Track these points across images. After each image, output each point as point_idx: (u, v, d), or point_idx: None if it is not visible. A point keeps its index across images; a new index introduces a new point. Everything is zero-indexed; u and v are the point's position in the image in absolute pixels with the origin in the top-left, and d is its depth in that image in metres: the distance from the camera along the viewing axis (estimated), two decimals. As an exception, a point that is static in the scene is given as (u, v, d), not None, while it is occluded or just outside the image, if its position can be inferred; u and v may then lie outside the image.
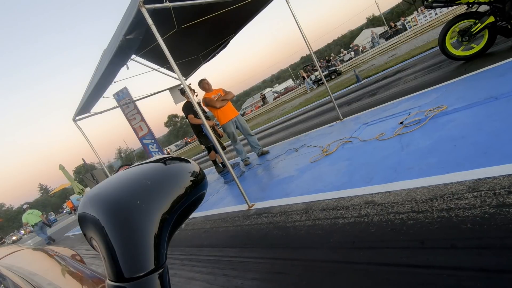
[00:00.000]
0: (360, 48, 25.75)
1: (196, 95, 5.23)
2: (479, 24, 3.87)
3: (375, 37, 22.24)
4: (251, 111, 35.13)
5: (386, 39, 22.13)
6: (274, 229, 2.35)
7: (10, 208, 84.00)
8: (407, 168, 2.16)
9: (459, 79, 3.66)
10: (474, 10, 4.00)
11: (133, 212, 0.26)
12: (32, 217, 9.23)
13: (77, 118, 5.30)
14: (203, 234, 3.19)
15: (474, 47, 4.16)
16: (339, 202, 2.19)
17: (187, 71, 6.76)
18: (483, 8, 3.94)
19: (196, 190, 0.30)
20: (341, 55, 25.53)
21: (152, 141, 6.57)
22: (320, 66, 27.37)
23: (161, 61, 6.07)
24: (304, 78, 22.88)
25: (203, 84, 5.23)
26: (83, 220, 0.28)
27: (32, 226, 9.19)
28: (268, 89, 58.12)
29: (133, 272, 0.25)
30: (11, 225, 62.29)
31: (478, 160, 1.79)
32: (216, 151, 5.25)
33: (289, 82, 59.86)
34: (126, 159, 63.12)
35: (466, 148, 2.00)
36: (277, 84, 66.56)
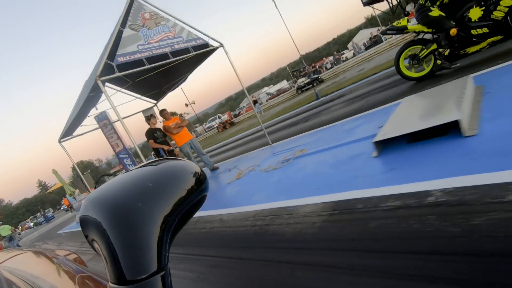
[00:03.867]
0: (345, 56, 26.97)
1: (175, 118, 6.48)
2: (425, 49, 4.39)
3: (355, 47, 23.49)
4: (247, 111, 36.07)
5: (366, 49, 23.36)
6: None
7: (9, 204, 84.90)
8: (265, 195, 3.40)
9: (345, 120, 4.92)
10: (421, 37, 4.55)
11: (135, 214, 0.26)
12: (3, 231, 12.20)
13: (62, 140, 6.59)
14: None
15: (425, 68, 4.60)
16: (212, 218, 3.47)
17: (158, 96, 8.03)
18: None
19: (197, 193, 0.30)
20: (323, 63, 26.81)
21: (127, 155, 7.84)
22: (306, 73, 28.59)
23: (137, 91, 7.34)
24: (255, 102, 24.75)
25: (164, 114, 6.48)
26: (85, 223, 0.28)
27: (3, 237, 12.11)
28: (266, 88, 59.92)
29: (135, 274, 0.25)
30: (10, 221, 63.55)
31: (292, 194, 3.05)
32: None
33: (284, 83, 61.14)
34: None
35: (305, 183, 3.27)
36: (272, 85, 67.83)
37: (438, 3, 4.19)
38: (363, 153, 2.84)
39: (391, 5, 24.09)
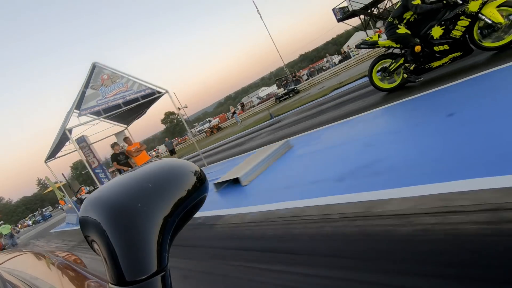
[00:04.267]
0: (333, 61, 28.80)
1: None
2: (394, 63, 4.73)
3: (330, 60, 25.41)
4: (240, 112, 37.18)
5: (339, 62, 25.26)
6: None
7: (9, 202, 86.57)
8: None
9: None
10: (391, 51, 4.93)
11: (135, 215, 0.26)
12: (3, 229, 14.37)
13: (48, 161, 8.50)
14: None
15: (396, 80, 4.94)
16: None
17: (128, 122, 9.96)
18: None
19: (197, 193, 0.30)
20: (301, 74, 28.75)
21: (101, 171, 9.75)
22: (287, 82, 30.37)
23: (110, 119, 9.24)
24: (234, 113, 26.26)
25: (126, 141, 8.41)
26: (84, 224, 0.28)
27: (4, 235, 14.24)
28: (263, 88, 62.33)
29: (134, 275, 0.25)
30: (9, 219, 65.24)
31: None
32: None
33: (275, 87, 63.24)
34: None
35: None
36: (266, 88, 69.87)
37: (405, 21, 4.58)
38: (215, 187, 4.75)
39: (362, 21, 26.00)
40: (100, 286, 0.75)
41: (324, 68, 27.28)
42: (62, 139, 7.00)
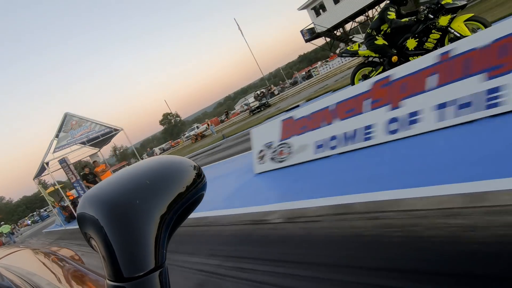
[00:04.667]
0: (289, 82, 31.56)
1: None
2: (374, 71, 4.87)
3: (298, 77, 28.16)
4: (226, 120, 38.37)
5: (306, 79, 28.03)
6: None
7: (9, 202, 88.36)
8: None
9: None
10: (371, 60, 5.11)
11: (132, 212, 0.26)
12: (3, 228, 16.68)
13: (35, 178, 11.30)
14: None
15: None
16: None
17: (100, 146, 12.77)
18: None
19: (195, 191, 0.30)
20: (272, 89, 31.59)
21: (78, 185, 12.54)
22: (263, 95, 33.14)
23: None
24: (208, 125, 28.84)
25: (95, 164, 11.25)
26: (82, 220, 0.28)
27: (4, 234, 16.60)
28: (261, 88, 64.03)
29: (132, 271, 0.25)
30: (10, 218, 66.66)
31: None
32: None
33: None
34: (122, 156, 67.29)
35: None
36: (258, 90, 71.17)
37: (382, 33, 4.79)
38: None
39: (326, 41, 28.88)
40: (97, 282, 0.74)
41: (294, 83, 30.10)
42: (44, 167, 9.83)
